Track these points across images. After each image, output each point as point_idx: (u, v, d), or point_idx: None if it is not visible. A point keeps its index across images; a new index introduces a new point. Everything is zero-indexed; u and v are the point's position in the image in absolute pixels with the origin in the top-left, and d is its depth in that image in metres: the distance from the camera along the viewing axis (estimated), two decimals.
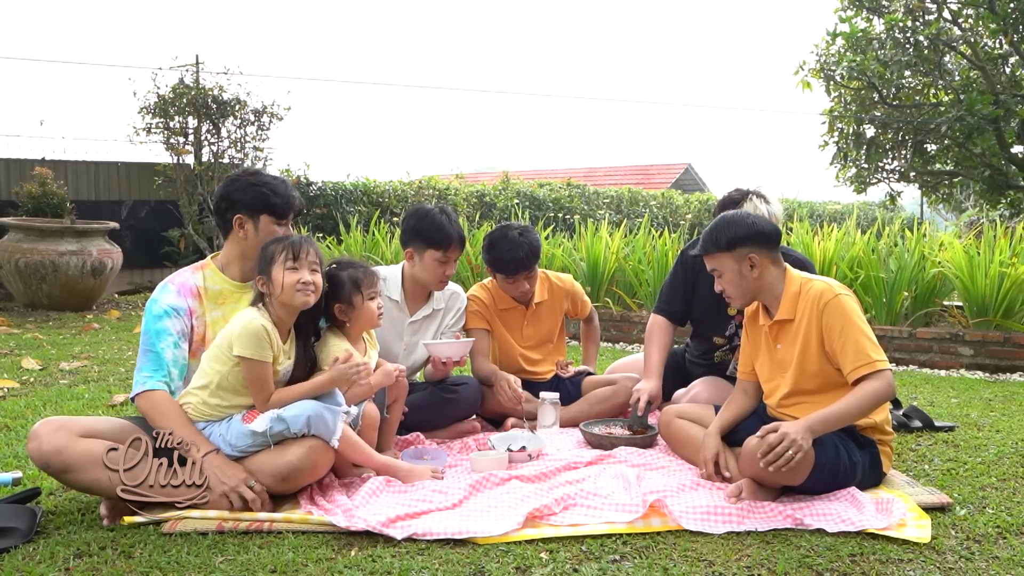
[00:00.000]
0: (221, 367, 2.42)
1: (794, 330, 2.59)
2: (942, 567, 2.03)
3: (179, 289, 2.59)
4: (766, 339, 2.70)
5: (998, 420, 3.59)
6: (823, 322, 2.52)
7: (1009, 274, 5.02)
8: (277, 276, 2.43)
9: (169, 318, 2.53)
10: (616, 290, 6.52)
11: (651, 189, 16.43)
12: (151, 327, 2.53)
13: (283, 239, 2.51)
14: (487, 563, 2.03)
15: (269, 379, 2.42)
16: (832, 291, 2.55)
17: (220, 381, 2.42)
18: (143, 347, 2.52)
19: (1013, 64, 8.80)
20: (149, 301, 2.59)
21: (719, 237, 2.62)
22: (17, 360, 4.98)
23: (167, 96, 9.39)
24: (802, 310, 2.58)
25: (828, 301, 2.53)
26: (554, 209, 12.23)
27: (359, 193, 10.07)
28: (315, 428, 2.36)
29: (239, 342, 2.37)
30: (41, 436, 2.28)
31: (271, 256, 2.46)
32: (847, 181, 9.98)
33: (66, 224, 7.61)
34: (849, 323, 2.49)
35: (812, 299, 2.56)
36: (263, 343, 2.38)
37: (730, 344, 3.26)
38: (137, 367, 2.52)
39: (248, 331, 2.38)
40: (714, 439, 2.69)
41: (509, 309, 3.54)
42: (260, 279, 2.47)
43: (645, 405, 3.10)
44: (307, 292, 2.45)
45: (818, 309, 2.54)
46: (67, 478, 2.30)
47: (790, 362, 2.61)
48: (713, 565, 2.03)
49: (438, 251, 3.19)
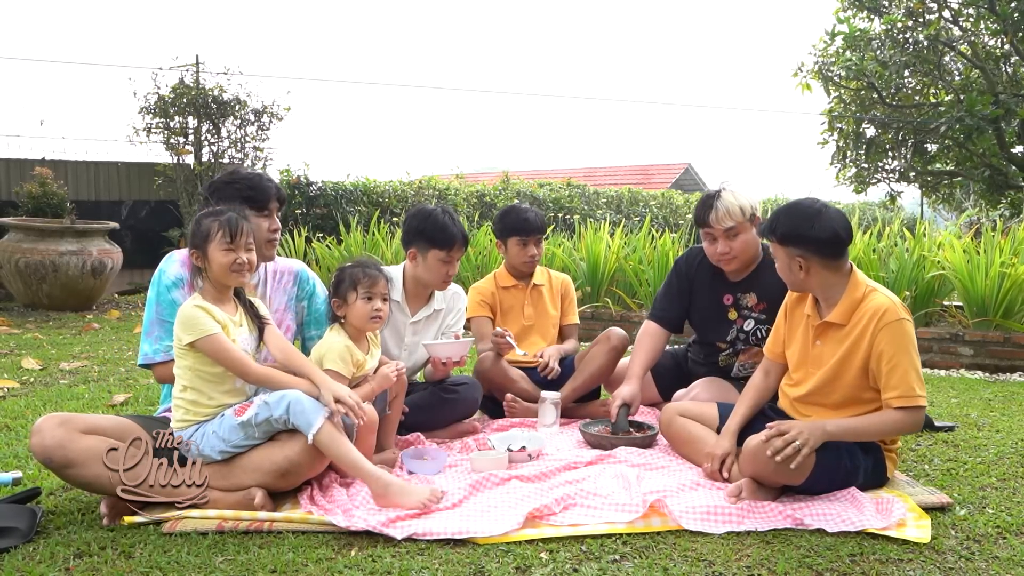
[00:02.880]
0: (185, 362, 2.44)
1: (842, 336, 2.52)
2: (942, 567, 2.03)
3: (183, 259, 2.64)
4: (807, 329, 2.64)
5: (998, 420, 3.59)
6: (877, 340, 2.44)
7: (1009, 274, 5.02)
8: (213, 255, 2.46)
9: (179, 289, 2.59)
10: (616, 290, 6.51)
11: (651, 189, 16.43)
12: (164, 298, 2.57)
13: (218, 214, 2.51)
14: (487, 563, 2.03)
15: (230, 348, 2.41)
16: (896, 312, 2.44)
17: (192, 376, 2.43)
18: (156, 317, 2.56)
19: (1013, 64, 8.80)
20: (157, 272, 2.63)
21: (777, 226, 2.55)
22: (17, 360, 4.98)
23: (167, 96, 9.39)
24: (858, 319, 2.50)
25: (890, 322, 2.43)
26: (554, 209, 12.23)
27: (359, 193, 10.07)
28: (294, 417, 2.35)
29: (182, 332, 2.40)
30: (44, 431, 2.28)
31: (207, 233, 2.47)
32: (847, 181, 9.99)
33: (66, 224, 7.61)
34: (903, 351, 2.42)
35: (872, 312, 2.47)
36: (200, 319, 2.39)
37: (733, 348, 3.26)
38: (151, 336, 2.55)
39: (182, 319, 2.42)
40: (730, 440, 2.66)
41: (510, 287, 3.73)
42: (195, 253, 2.49)
43: (618, 410, 3.11)
44: (242, 272, 2.49)
45: (877, 326, 2.45)
46: (68, 473, 2.30)
47: (824, 363, 2.56)
48: (713, 565, 2.03)
49: (442, 251, 3.20)
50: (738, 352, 3.24)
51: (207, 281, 2.50)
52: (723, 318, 3.24)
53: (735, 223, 3.06)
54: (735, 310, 3.22)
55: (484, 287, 3.76)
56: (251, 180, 2.70)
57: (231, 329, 2.46)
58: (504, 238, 3.73)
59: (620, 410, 3.11)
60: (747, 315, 3.19)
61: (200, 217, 2.53)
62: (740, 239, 3.09)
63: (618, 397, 3.15)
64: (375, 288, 2.77)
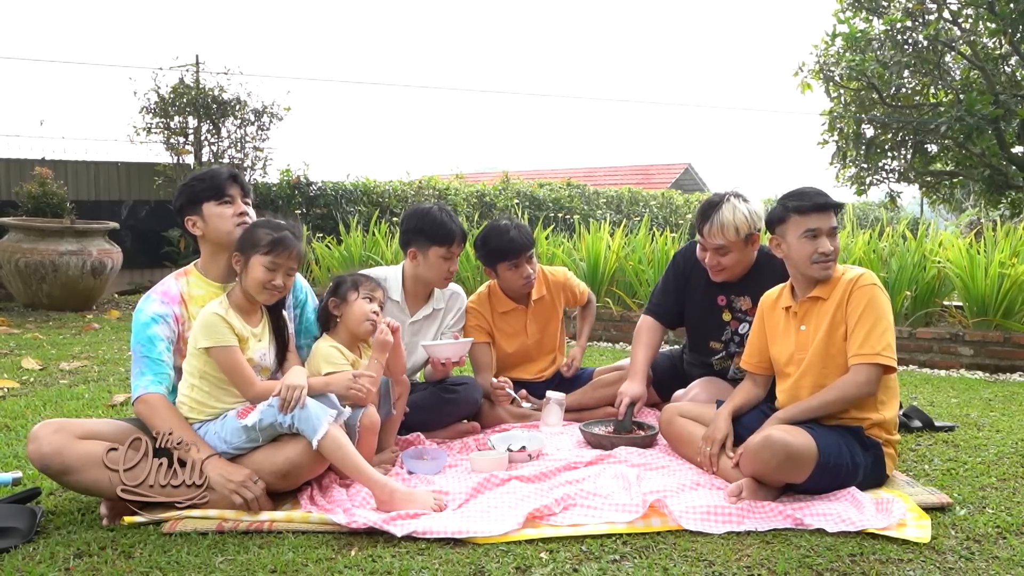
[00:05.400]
0: (196, 362, 2.45)
1: (825, 310, 2.59)
2: (942, 567, 2.03)
3: (161, 297, 2.59)
4: (787, 321, 2.68)
5: (998, 420, 3.59)
6: (850, 302, 2.53)
7: (1009, 274, 5.02)
8: (253, 267, 2.45)
9: (157, 324, 2.53)
10: (616, 290, 6.51)
11: (651, 189, 16.43)
12: (142, 335, 2.53)
13: (272, 227, 2.49)
14: (487, 563, 2.03)
15: (241, 364, 2.41)
16: (870, 278, 2.57)
17: (200, 376, 2.44)
18: (137, 354, 2.52)
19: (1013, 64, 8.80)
20: (135, 312, 2.60)
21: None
22: (17, 360, 4.98)
23: (167, 96, 9.39)
24: (837, 290, 2.58)
25: (863, 285, 2.55)
26: (554, 209, 12.23)
27: (359, 193, 10.07)
28: (299, 423, 2.35)
29: (200, 335, 2.41)
30: (40, 438, 2.28)
31: (255, 242, 2.46)
32: (847, 181, 9.98)
33: (66, 224, 7.61)
34: (871, 310, 2.50)
35: (848, 280, 2.57)
36: (219, 329, 2.40)
37: (727, 350, 3.25)
38: (133, 374, 2.52)
39: (203, 323, 2.42)
40: (725, 421, 2.69)
41: (509, 312, 3.54)
42: (237, 257, 2.48)
43: (626, 409, 3.10)
44: (273, 294, 2.49)
45: (849, 290, 2.55)
46: (66, 480, 2.30)
47: (810, 343, 2.60)
48: (713, 565, 2.03)
49: (442, 247, 3.20)
50: (732, 355, 3.23)
51: (239, 287, 2.50)
52: (717, 318, 3.23)
53: (725, 242, 3.00)
54: (729, 312, 3.21)
55: (480, 310, 3.51)
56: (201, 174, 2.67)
57: (250, 343, 2.47)
58: (492, 265, 3.45)
59: (627, 410, 3.11)
60: (741, 318, 3.19)
61: (256, 224, 2.53)
62: (730, 256, 3.05)
63: (625, 395, 3.13)
64: (376, 292, 2.80)
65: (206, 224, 2.63)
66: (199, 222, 2.64)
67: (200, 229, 2.64)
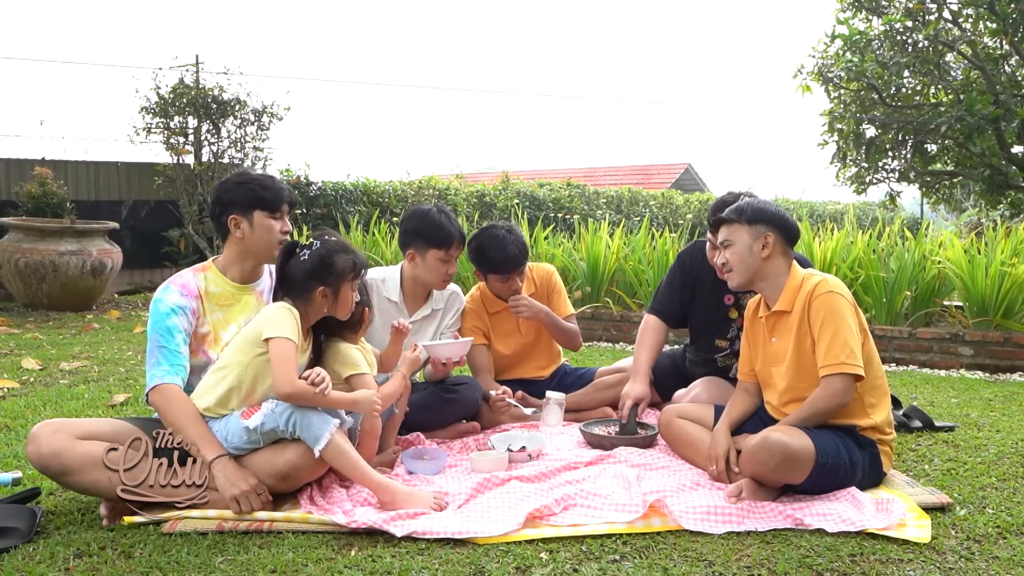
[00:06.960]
0: (243, 357, 2.42)
1: (790, 323, 2.60)
2: (942, 567, 2.03)
3: (181, 289, 2.59)
4: (763, 333, 2.71)
5: (998, 420, 3.59)
6: (811, 315, 2.55)
7: (1009, 274, 5.02)
8: (344, 295, 2.52)
9: (176, 316, 2.54)
10: (616, 290, 6.51)
11: (651, 189, 16.43)
12: (161, 325, 2.52)
13: (351, 252, 2.54)
14: (487, 563, 2.03)
15: (294, 360, 2.39)
16: (827, 286, 2.56)
17: (239, 373, 2.42)
18: (155, 344, 2.51)
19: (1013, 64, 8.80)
20: (153, 302, 2.59)
21: (745, 209, 2.66)
22: (17, 360, 4.98)
23: (167, 96, 9.39)
24: (798, 303, 2.59)
25: (820, 295, 2.55)
26: (554, 209, 12.23)
27: (359, 193, 10.07)
28: (299, 430, 2.35)
29: (270, 324, 2.40)
30: (39, 439, 2.28)
31: (342, 270, 2.50)
32: (847, 181, 9.98)
33: (66, 224, 7.61)
34: (829, 321, 2.50)
35: (806, 291, 2.58)
36: (288, 322, 2.41)
37: (732, 348, 3.25)
38: (150, 363, 2.50)
39: (270, 314, 2.44)
40: (724, 435, 2.68)
41: (500, 312, 3.53)
42: (323, 289, 2.49)
43: (630, 410, 3.10)
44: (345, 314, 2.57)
45: (807, 301, 2.56)
46: (66, 480, 2.30)
47: (784, 356, 2.62)
48: (713, 565, 2.03)
49: (440, 250, 3.20)
50: (736, 352, 3.24)
51: (304, 306, 2.50)
52: (724, 317, 3.24)
53: None
54: (736, 310, 3.21)
55: (475, 310, 3.51)
56: (263, 181, 2.67)
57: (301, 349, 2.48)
58: (483, 272, 3.45)
59: (631, 411, 3.10)
60: None
61: (334, 250, 2.52)
62: None
63: (629, 396, 3.13)
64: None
65: (252, 230, 2.63)
66: (244, 225, 2.62)
67: (243, 232, 2.63)
